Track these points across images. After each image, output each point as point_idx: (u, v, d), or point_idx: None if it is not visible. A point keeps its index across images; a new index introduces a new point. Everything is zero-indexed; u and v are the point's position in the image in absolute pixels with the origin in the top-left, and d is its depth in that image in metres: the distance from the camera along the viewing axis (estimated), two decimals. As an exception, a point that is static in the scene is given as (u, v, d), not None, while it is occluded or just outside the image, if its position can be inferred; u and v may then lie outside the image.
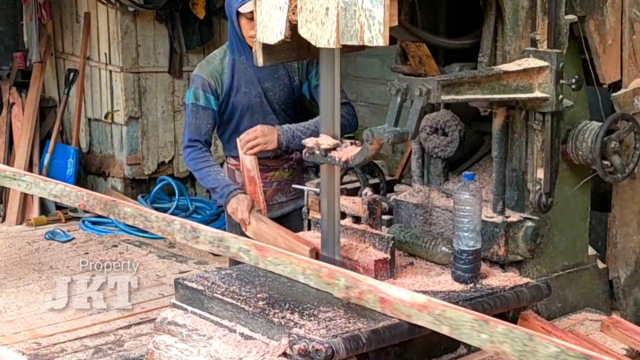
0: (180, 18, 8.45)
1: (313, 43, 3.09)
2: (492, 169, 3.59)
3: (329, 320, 3.06)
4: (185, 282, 3.48)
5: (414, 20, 3.70)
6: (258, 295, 3.30)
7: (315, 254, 3.52)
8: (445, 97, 3.09)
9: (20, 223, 8.28)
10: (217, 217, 8.20)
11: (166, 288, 6.43)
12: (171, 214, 6.63)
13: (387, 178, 4.79)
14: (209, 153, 4.63)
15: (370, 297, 2.91)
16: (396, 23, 2.94)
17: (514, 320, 3.46)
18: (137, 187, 8.66)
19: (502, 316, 3.44)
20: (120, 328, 5.73)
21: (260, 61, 3.42)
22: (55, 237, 7.79)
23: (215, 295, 3.33)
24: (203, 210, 8.43)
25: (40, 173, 8.14)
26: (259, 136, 4.38)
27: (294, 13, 3.15)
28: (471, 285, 3.38)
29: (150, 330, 5.48)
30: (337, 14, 2.99)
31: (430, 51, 3.62)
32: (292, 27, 3.17)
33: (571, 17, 3.44)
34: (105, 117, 8.59)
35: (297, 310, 3.16)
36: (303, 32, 3.11)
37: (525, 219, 3.56)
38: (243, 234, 4.47)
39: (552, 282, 3.60)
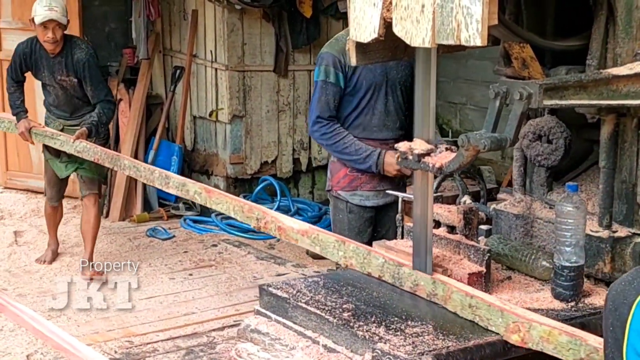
0: (287, 17, 8.36)
1: (407, 42, 2.91)
2: (600, 180, 3.35)
3: (416, 336, 2.89)
4: (270, 288, 3.35)
5: (519, 20, 3.50)
6: (344, 306, 3.15)
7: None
8: (548, 102, 2.89)
9: (123, 219, 8.32)
10: (319, 219, 8.09)
11: (262, 290, 6.32)
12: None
13: (490, 185, 4.59)
14: (338, 125, 4.65)
15: (272, 226, 3.77)
16: (496, 21, 2.73)
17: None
18: (240, 186, 8.60)
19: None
20: (214, 330, 5.66)
21: (353, 60, 3.26)
22: (156, 235, 7.80)
23: (300, 304, 3.20)
24: (305, 211, 8.33)
25: (144, 169, 8.15)
26: None
27: (388, 10, 2.98)
28: (572, 303, 3.16)
29: (243, 333, 5.41)
30: (434, 12, 2.80)
31: (536, 53, 3.41)
32: (387, 25, 3.00)
33: (691, 18, 3.19)
34: (210, 115, 8.57)
35: (383, 323, 3.00)
36: (397, 30, 2.94)
37: (634, 234, 3.32)
38: (349, 226, 4.67)
39: (662, 303, 3.35)
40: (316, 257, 7.24)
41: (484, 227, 3.70)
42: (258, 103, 8.50)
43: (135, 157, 8.46)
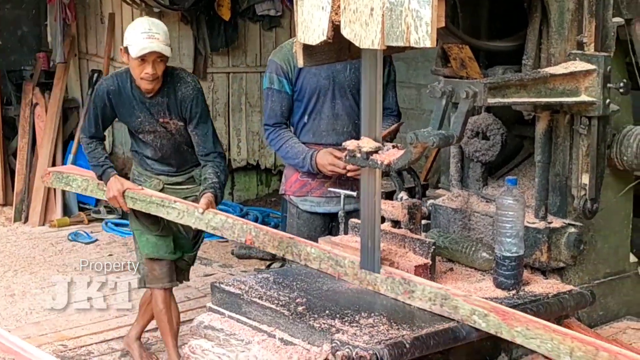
0: (206, 20, 8.41)
1: (357, 44, 3.02)
2: (535, 174, 3.53)
3: (371, 327, 3.00)
4: (222, 285, 3.43)
5: (455, 22, 3.64)
6: (297, 300, 3.25)
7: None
8: (492, 100, 3.03)
9: (43, 224, 8.24)
10: (241, 220, 8.12)
11: (192, 291, 6.38)
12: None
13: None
14: (284, 129, 4.65)
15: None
16: (443, 24, 2.86)
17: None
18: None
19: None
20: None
21: (300, 62, 3.36)
22: (78, 239, 7.76)
23: (253, 299, 3.28)
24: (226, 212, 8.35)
25: (63, 174, 8.01)
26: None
27: (337, 13, 3.08)
28: (513, 292, 3.31)
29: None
30: (383, 15, 2.92)
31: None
32: (335, 27, 3.11)
33: (618, 19, 3.38)
34: (129, 118, 8.54)
35: (337, 315, 3.10)
36: (346, 32, 3.05)
37: (568, 225, 3.50)
38: (298, 232, 4.50)
39: (594, 289, 3.54)
40: (241, 257, 7.31)
41: (423, 221, 3.83)
42: (177, 106, 8.50)
43: (54, 161, 8.41)
